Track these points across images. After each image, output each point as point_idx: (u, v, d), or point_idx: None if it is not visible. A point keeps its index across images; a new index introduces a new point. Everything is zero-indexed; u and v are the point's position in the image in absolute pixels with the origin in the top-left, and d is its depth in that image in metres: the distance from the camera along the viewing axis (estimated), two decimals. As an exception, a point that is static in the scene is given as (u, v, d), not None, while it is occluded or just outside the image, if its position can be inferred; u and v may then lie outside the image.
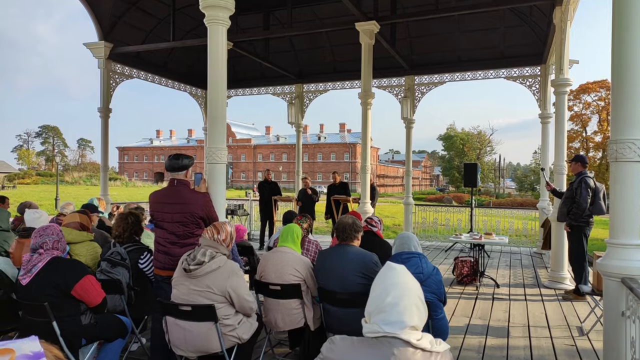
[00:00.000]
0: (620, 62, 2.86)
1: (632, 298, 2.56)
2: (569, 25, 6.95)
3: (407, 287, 1.62)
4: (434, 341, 1.61)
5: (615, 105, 2.90)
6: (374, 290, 1.68)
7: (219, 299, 3.08)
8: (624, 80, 2.84)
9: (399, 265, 1.71)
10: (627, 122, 2.82)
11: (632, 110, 2.82)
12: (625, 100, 2.83)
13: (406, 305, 1.58)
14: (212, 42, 4.15)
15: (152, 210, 3.69)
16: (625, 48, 2.84)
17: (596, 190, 6.20)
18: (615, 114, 2.89)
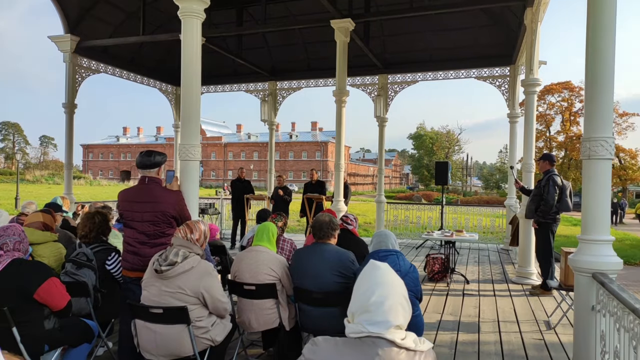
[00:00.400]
0: (594, 65, 2.92)
1: (603, 292, 2.62)
2: (539, 26, 7.12)
3: (392, 286, 1.59)
4: (418, 340, 1.59)
5: (588, 105, 2.96)
6: (358, 290, 1.64)
7: (191, 301, 2.99)
8: (597, 82, 2.90)
9: (383, 264, 1.67)
10: (600, 121, 2.89)
11: (605, 110, 2.89)
12: (598, 101, 2.90)
13: (391, 305, 1.55)
14: (186, 36, 4.02)
15: (121, 209, 3.55)
16: (599, 52, 2.90)
17: (563, 188, 6.37)
18: (588, 113, 2.95)
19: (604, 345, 2.59)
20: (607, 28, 2.89)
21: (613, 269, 2.77)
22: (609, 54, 2.90)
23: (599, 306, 2.70)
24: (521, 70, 10.48)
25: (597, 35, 2.92)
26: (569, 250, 4.95)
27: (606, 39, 2.90)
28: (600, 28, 2.90)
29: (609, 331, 2.52)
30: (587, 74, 2.97)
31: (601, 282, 2.59)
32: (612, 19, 2.90)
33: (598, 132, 2.90)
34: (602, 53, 2.90)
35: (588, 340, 2.79)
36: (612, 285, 2.44)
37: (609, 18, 2.90)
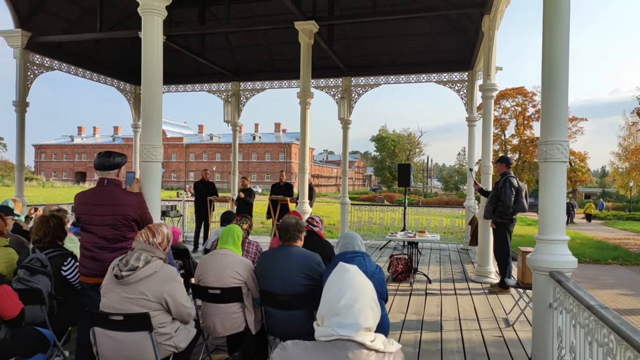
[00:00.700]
0: (550, 72, 3.05)
1: (560, 290, 2.74)
2: (496, 33, 7.36)
3: (361, 288, 1.60)
4: (387, 341, 1.60)
5: (545, 110, 3.09)
6: (327, 293, 1.64)
7: (154, 306, 2.90)
8: (552, 89, 3.03)
9: (352, 266, 1.68)
10: (556, 125, 3.02)
11: (560, 115, 3.02)
12: (554, 106, 3.03)
13: (361, 307, 1.55)
14: (146, 34, 3.91)
15: (78, 213, 3.40)
16: (554, 62, 3.03)
17: (519, 190, 6.61)
18: (545, 117, 3.07)
19: (560, 341, 2.71)
20: (562, 41, 3.03)
21: (569, 268, 2.89)
22: (563, 64, 3.03)
23: (556, 303, 2.81)
24: (479, 75, 10.82)
25: (553, 47, 3.05)
26: (526, 249, 5.14)
27: (560, 50, 3.04)
28: (556, 40, 3.03)
29: (566, 327, 2.63)
30: (544, 82, 3.10)
31: (558, 280, 2.70)
32: (566, 33, 3.04)
33: (554, 136, 3.02)
34: (557, 63, 3.03)
35: (546, 336, 2.90)
36: (568, 284, 2.55)
37: (563, 31, 3.04)
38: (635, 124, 45.31)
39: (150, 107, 3.89)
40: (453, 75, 11.17)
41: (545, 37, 3.10)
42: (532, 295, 4.90)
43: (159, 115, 3.97)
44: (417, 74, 11.27)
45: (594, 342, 2.12)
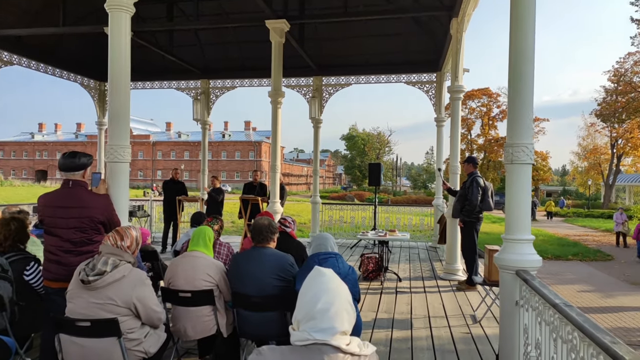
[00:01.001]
0: (516, 78, 3.14)
1: (526, 289, 2.83)
2: (463, 36, 7.53)
3: (337, 292, 1.60)
4: (362, 344, 1.61)
5: (511, 113, 3.18)
6: (303, 297, 1.63)
7: (123, 312, 2.83)
8: (518, 94, 3.12)
9: (328, 270, 1.68)
10: (522, 128, 3.11)
11: (526, 118, 3.12)
12: (520, 110, 3.12)
13: (337, 311, 1.56)
14: (114, 31, 3.79)
15: (42, 215, 3.28)
16: (521, 66, 3.13)
17: (485, 189, 6.79)
18: (511, 121, 3.17)
19: (527, 337, 2.80)
20: (528, 48, 3.13)
21: (534, 266, 2.99)
22: (529, 71, 3.14)
23: (522, 301, 2.91)
24: (447, 76, 11.05)
25: (519, 54, 3.15)
26: (493, 247, 5.29)
27: (527, 57, 3.14)
28: (522, 48, 3.13)
29: (532, 325, 2.72)
30: (510, 88, 3.19)
31: (524, 279, 2.79)
32: (531, 41, 3.14)
33: (520, 139, 3.12)
34: (523, 69, 3.13)
35: (512, 333, 3.00)
36: (534, 282, 2.64)
37: (529, 40, 3.14)
38: (594, 124, 47.25)
39: (117, 106, 3.78)
40: (422, 76, 11.35)
41: (512, 45, 3.19)
42: (499, 293, 5.06)
43: (127, 115, 3.87)
44: (388, 74, 11.40)
45: (559, 339, 2.20)
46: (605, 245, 19.67)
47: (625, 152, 44.02)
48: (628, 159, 46.36)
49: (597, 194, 52.28)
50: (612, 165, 45.03)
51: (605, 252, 17.41)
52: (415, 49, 11.03)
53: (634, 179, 45.66)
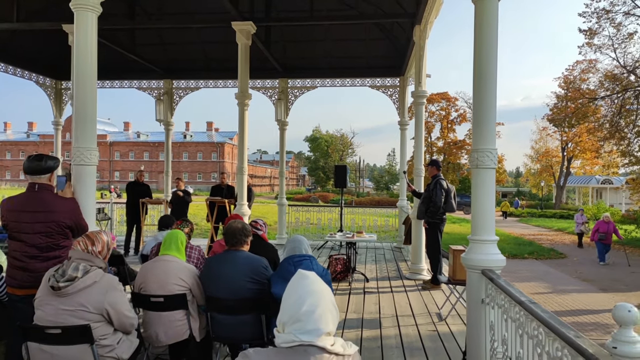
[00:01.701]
0: (480, 86, 3.30)
1: (492, 287, 2.97)
2: (426, 43, 7.75)
3: (321, 294, 1.66)
4: (345, 344, 1.67)
5: (476, 120, 3.33)
6: (288, 299, 1.68)
7: (94, 318, 2.77)
8: (483, 102, 3.28)
9: (311, 273, 1.73)
10: (486, 134, 3.27)
11: (490, 124, 3.28)
12: (484, 117, 3.28)
13: (321, 313, 1.61)
14: (79, 32, 3.70)
15: (5, 220, 3.17)
16: (484, 76, 3.29)
17: (448, 191, 7.02)
18: (476, 127, 3.32)
19: (493, 334, 2.94)
20: (491, 55, 3.29)
21: (499, 266, 3.15)
22: (492, 79, 3.30)
23: (488, 299, 3.05)
24: (409, 81, 11.33)
25: (483, 63, 3.31)
26: (457, 248, 5.50)
27: (490, 65, 3.30)
28: (485, 59, 3.29)
29: (498, 321, 2.87)
30: (475, 94, 3.35)
31: (490, 277, 2.93)
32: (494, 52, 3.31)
33: (484, 144, 3.27)
34: (486, 77, 3.29)
35: (479, 330, 3.14)
36: (499, 281, 2.78)
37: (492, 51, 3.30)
38: (546, 128, 49.48)
39: (83, 108, 3.69)
40: (386, 80, 11.58)
41: (476, 57, 3.35)
42: (465, 292, 5.25)
43: (94, 117, 3.78)
44: (352, 77, 11.57)
45: (525, 335, 2.34)
46: (558, 244, 20.63)
47: (574, 155, 46.37)
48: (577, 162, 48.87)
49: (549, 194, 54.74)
50: (563, 168, 47.31)
51: (559, 250, 18.28)
52: (379, 54, 11.25)
53: (583, 180, 48.13)
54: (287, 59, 11.41)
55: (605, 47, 22.74)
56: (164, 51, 11.64)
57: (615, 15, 21.45)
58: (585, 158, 45.90)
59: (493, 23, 3.33)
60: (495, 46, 3.33)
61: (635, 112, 21.64)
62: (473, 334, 3.23)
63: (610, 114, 23.70)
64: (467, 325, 3.37)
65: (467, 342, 3.39)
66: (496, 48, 3.34)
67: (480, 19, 3.34)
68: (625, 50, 22.42)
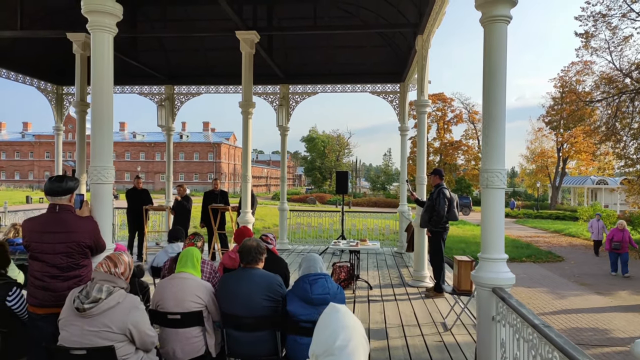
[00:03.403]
0: (489, 107, 3.40)
1: (502, 306, 3.07)
2: (428, 52, 7.84)
3: (353, 328, 1.75)
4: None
5: (486, 141, 3.43)
6: (321, 333, 1.76)
7: (118, 338, 2.85)
8: (493, 122, 3.38)
9: (342, 306, 1.82)
10: (496, 155, 3.37)
11: (499, 146, 3.38)
12: (495, 139, 3.38)
13: (354, 347, 1.70)
14: (96, 52, 3.77)
15: (27, 241, 3.23)
16: (494, 96, 3.39)
17: (451, 200, 7.12)
18: (485, 148, 3.42)
19: (504, 351, 3.04)
20: (500, 79, 3.41)
21: (508, 284, 3.25)
22: (501, 101, 3.41)
23: (499, 317, 3.15)
24: (410, 87, 11.44)
25: (492, 85, 3.42)
26: (462, 258, 5.61)
27: (499, 88, 3.41)
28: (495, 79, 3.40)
29: (509, 340, 2.96)
30: (485, 116, 3.45)
31: (502, 297, 3.03)
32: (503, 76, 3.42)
33: (494, 165, 3.37)
34: (495, 100, 3.40)
35: (490, 346, 3.24)
36: (511, 301, 2.88)
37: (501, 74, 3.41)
38: (541, 129, 49.80)
39: (100, 128, 3.76)
40: (386, 86, 11.68)
41: (485, 77, 3.46)
42: (470, 303, 5.36)
43: (110, 136, 3.85)
44: (353, 83, 11.66)
45: (538, 356, 2.43)
46: (555, 246, 20.79)
47: (570, 155, 46.71)
48: (573, 162, 49.23)
49: (545, 195, 55.07)
50: (559, 168, 47.64)
51: (556, 253, 18.44)
52: (380, 60, 11.33)
53: (578, 181, 48.47)
54: (289, 65, 11.47)
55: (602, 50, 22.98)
56: (165, 57, 11.68)
57: (611, 19, 21.67)
58: (581, 159, 46.26)
59: (502, 47, 3.43)
60: (504, 69, 3.43)
61: (631, 115, 21.87)
62: (484, 350, 3.32)
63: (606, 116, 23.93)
64: (478, 341, 3.46)
65: (478, 357, 3.48)
66: (505, 70, 3.44)
67: (489, 43, 3.44)
68: (622, 53, 22.69)
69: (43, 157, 75.09)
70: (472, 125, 53.34)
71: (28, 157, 75.82)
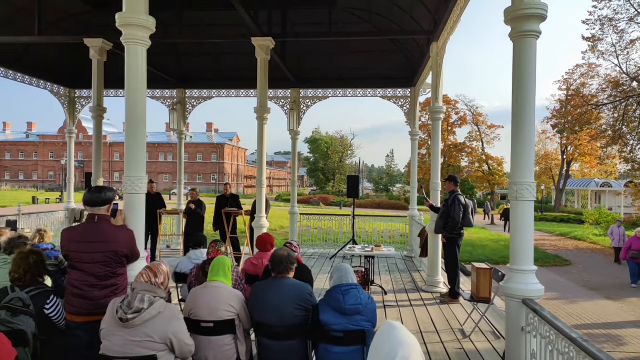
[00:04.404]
0: (519, 121, 3.47)
1: (533, 317, 3.13)
2: (443, 59, 7.89)
3: (411, 345, 1.81)
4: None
5: (515, 154, 3.49)
6: (379, 350, 1.83)
7: (160, 347, 2.92)
8: (522, 135, 3.44)
9: (398, 323, 1.89)
10: (525, 168, 3.43)
11: (529, 159, 3.44)
12: (523, 151, 3.44)
13: (414, 363, 1.76)
14: (130, 65, 3.84)
15: (66, 250, 3.31)
16: (523, 110, 3.46)
17: (466, 206, 7.17)
18: (515, 161, 3.48)
19: (536, 362, 3.10)
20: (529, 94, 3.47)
21: (538, 295, 3.31)
22: (530, 114, 3.48)
23: (529, 328, 3.21)
24: (421, 92, 11.50)
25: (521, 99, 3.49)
26: (480, 266, 5.66)
27: (528, 102, 3.47)
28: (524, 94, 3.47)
29: (541, 351, 3.02)
30: (514, 129, 3.51)
31: (533, 309, 3.09)
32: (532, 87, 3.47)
33: (524, 178, 3.43)
34: (525, 114, 3.47)
35: (519, 356, 3.29)
36: (544, 313, 2.94)
37: (531, 86, 3.47)
38: (545, 132, 49.75)
39: (135, 140, 3.84)
40: (397, 91, 11.73)
41: (514, 91, 3.52)
42: (486, 310, 5.41)
43: (143, 147, 3.92)
44: (364, 88, 11.71)
45: (576, 369, 2.49)
46: (562, 250, 20.78)
47: (574, 158, 46.65)
48: (577, 165, 49.17)
49: (548, 197, 54.99)
50: (563, 171, 47.59)
51: (563, 257, 18.45)
52: (391, 65, 11.39)
53: (582, 183, 48.42)
54: (301, 70, 11.54)
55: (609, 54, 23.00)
56: (178, 61, 11.77)
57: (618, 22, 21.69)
58: (585, 161, 46.21)
59: (532, 61, 3.48)
60: (533, 83, 3.49)
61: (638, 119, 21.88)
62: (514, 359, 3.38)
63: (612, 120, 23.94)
64: (507, 351, 3.52)
65: (507, 367, 3.54)
66: (534, 85, 3.49)
67: (519, 57, 3.50)
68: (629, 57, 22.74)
69: (47, 157, 75.33)
70: (476, 127, 53.32)
71: (32, 157, 76.06)
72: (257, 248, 5.32)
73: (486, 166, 52.60)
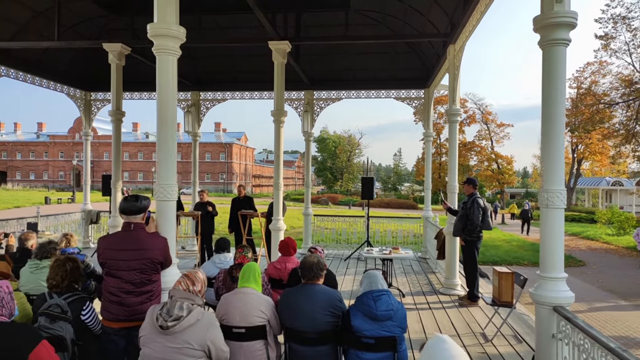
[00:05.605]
0: (548, 128, 3.49)
1: (565, 324, 3.15)
2: (461, 62, 7.89)
3: (461, 357, 1.85)
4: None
5: (546, 162, 3.51)
6: (430, 363, 1.86)
7: (198, 354, 2.98)
8: (552, 143, 3.46)
9: (447, 337, 1.93)
10: (555, 176, 3.45)
11: (559, 167, 3.46)
12: (554, 159, 3.46)
13: (466, 376, 1.80)
14: (161, 75, 3.91)
15: (104, 258, 3.38)
16: (553, 117, 3.48)
17: (485, 209, 7.18)
18: (546, 169, 3.50)
19: (569, 369, 3.13)
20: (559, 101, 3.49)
21: (568, 302, 3.33)
22: (560, 122, 3.49)
23: (561, 335, 3.23)
24: (435, 93, 11.48)
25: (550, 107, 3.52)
26: (502, 270, 5.67)
27: (558, 109, 3.49)
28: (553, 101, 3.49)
29: (572, 358, 3.04)
30: (543, 136, 3.54)
31: (566, 317, 3.11)
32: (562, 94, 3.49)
33: (555, 185, 3.45)
34: (554, 121, 3.49)
35: (550, 362, 3.32)
36: (577, 321, 2.96)
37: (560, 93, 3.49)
38: (555, 130, 49.30)
39: (166, 149, 3.90)
40: (411, 92, 11.75)
41: (544, 98, 3.54)
42: (508, 315, 5.43)
43: (174, 155, 3.98)
44: (377, 89, 11.72)
45: (614, 378, 2.51)
46: (574, 250, 20.64)
47: (585, 157, 46.28)
48: (587, 163, 48.77)
49: (559, 196, 54.54)
50: (573, 169, 47.22)
51: (577, 257, 18.34)
52: (405, 66, 11.38)
53: (592, 182, 48.04)
54: (314, 72, 11.58)
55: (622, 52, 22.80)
56: (193, 64, 11.86)
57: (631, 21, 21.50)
58: (595, 160, 45.82)
59: (561, 69, 3.50)
60: (563, 91, 3.51)
61: (651, 118, 21.70)
62: (544, 366, 3.40)
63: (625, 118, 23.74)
64: (537, 357, 3.54)
65: (537, 373, 3.56)
66: (564, 92, 3.52)
67: (548, 65, 3.51)
68: (641, 56, 22.52)
69: (57, 157, 76.04)
70: (485, 126, 53.08)
71: (43, 157, 76.81)
72: (280, 252, 5.38)
73: (495, 165, 52.37)
